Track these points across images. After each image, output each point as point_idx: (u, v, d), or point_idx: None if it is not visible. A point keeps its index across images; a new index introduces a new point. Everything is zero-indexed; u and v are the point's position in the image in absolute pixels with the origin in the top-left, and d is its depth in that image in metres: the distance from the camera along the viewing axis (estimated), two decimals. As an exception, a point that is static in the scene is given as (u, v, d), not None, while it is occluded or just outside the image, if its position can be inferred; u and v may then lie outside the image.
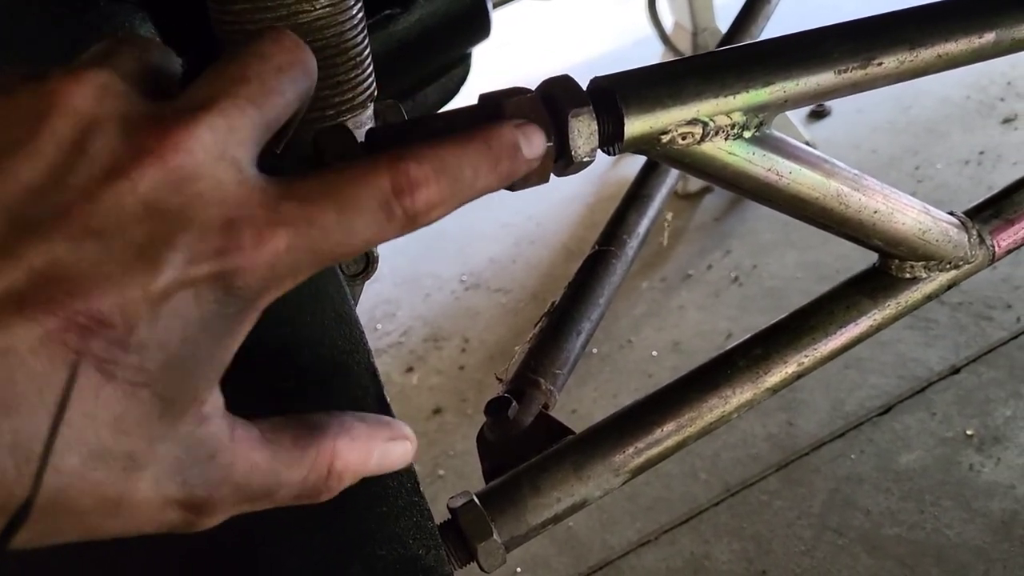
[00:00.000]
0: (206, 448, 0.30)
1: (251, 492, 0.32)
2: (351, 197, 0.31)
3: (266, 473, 0.32)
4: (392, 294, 2.40)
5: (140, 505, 0.29)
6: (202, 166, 0.29)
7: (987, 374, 1.53)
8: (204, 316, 0.29)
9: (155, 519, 0.30)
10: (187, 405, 0.29)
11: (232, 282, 0.29)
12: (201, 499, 0.30)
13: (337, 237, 0.31)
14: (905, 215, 0.61)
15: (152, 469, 0.29)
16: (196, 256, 0.28)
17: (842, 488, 1.42)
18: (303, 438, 0.34)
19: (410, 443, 0.38)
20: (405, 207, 0.32)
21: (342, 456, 0.35)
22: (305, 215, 0.30)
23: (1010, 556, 1.24)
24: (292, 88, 0.33)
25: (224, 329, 0.30)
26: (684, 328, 1.91)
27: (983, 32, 0.57)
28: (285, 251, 0.30)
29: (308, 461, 0.33)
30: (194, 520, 0.31)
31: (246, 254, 0.29)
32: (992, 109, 2.23)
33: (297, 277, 0.31)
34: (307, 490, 0.34)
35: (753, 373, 0.64)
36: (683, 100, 0.49)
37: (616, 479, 0.61)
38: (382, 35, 0.78)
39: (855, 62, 0.53)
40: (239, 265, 0.29)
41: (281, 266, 0.30)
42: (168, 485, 0.29)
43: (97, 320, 0.27)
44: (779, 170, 0.54)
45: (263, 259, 0.29)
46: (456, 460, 1.76)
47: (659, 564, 1.42)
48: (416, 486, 0.51)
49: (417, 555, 0.51)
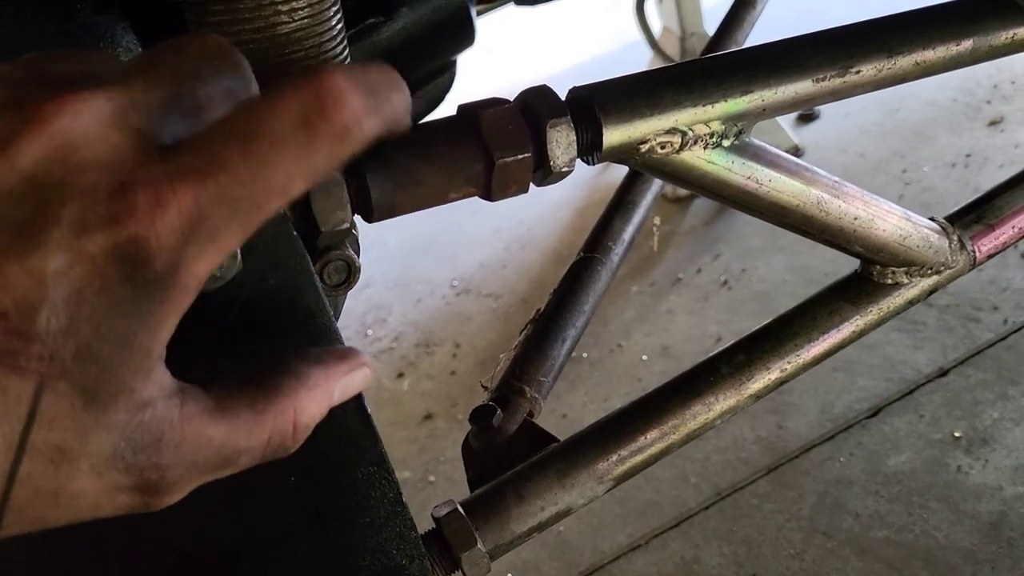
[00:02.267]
0: (150, 433, 0.29)
1: (208, 465, 0.31)
2: (258, 128, 0.27)
3: (221, 445, 0.31)
4: (383, 299, 2.40)
5: (82, 495, 0.28)
6: (91, 133, 0.26)
7: (975, 376, 1.54)
8: (115, 298, 0.26)
9: (105, 505, 0.29)
10: (115, 395, 0.27)
11: (136, 254, 0.26)
12: (153, 481, 0.29)
13: (254, 180, 0.27)
14: (886, 221, 0.62)
15: (87, 460, 0.27)
16: (85, 227, 0.25)
17: (831, 491, 1.43)
18: (260, 401, 0.32)
19: (367, 367, 0.37)
20: (331, 122, 0.28)
21: (305, 410, 0.33)
22: (208, 162, 0.27)
23: (998, 558, 1.24)
24: (213, 76, 0.30)
25: (144, 311, 0.27)
26: (673, 332, 1.91)
27: (960, 39, 0.57)
28: (192, 208, 0.26)
29: (268, 425, 0.32)
30: (151, 501, 0.30)
31: (143, 218, 0.26)
32: (978, 112, 2.25)
33: (220, 240, 0.28)
34: (272, 450, 0.33)
35: (736, 380, 0.64)
36: (661, 109, 0.50)
37: (600, 487, 0.61)
38: (365, 44, 0.78)
39: (833, 70, 0.54)
40: (137, 232, 0.26)
41: (194, 228, 0.27)
42: (111, 473, 0.28)
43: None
44: (758, 178, 0.55)
45: (165, 222, 0.26)
46: (447, 466, 1.76)
47: (650, 568, 1.42)
48: (399, 496, 0.51)
49: (401, 565, 0.51)
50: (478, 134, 0.45)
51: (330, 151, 0.28)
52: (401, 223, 1.95)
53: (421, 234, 2.59)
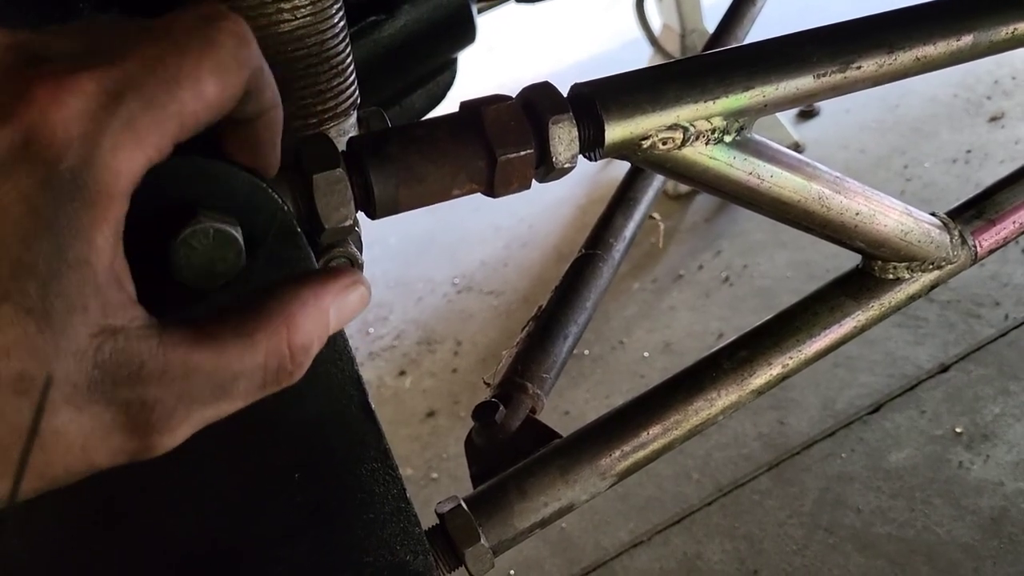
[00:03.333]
0: (127, 362, 0.27)
1: (202, 396, 0.29)
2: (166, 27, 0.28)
3: (213, 371, 0.29)
4: (384, 298, 2.40)
5: (67, 431, 0.27)
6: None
7: (976, 372, 1.54)
8: (34, 206, 0.25)
9: (99, 447, 0.28)
10: (67, 314, 0.26)
11: (41, 149, 0.25)
12: (143, 417, 0.28)
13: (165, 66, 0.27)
14: (887, 216, 0.62)
15: (59, 390, 0.26)
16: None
17: (833, 487, 1.43)
18: (248, 323, 0.31)
19: (363, 286, 0.35)
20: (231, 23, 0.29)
21: (298, 329, 0.32)
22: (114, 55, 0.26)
23: (1000, 553, 1.25)
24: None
25: (70, 216, 0.26)
26: (675, 329, 1.91)
27: (961, 35, 0.57)
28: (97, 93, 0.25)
29: (261, 346, 0.31)
30: (148, 441, 0.29)
31: (41, 106, 0.25)
32: (979, 107, 2.25)
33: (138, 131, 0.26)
34: (271, 375, 0.31)
35: (738, 375, 0.65)
36: (663, 105, 0.50)
37: (603, 482, 0.62)
38: (367, 42, 0.78)
39: (834, 66, 0.54)
40: (36, 122, 0.25)
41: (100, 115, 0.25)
42: (92, 407, 0.27)
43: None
44: (760, 174, 0.55)
45: (68, 108, 0.25)
46: (450, 463, 1.76)
47: (652, 565, 1.42)
48: (403, 492, 0.51)
49: (405, 561, 0.52)
50: (480, 130, 0.45)
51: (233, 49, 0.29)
52: (402, 222, 1.94)
53: (422, 232, 2.59)
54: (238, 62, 0.29)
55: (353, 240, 0.59)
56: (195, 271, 0.37)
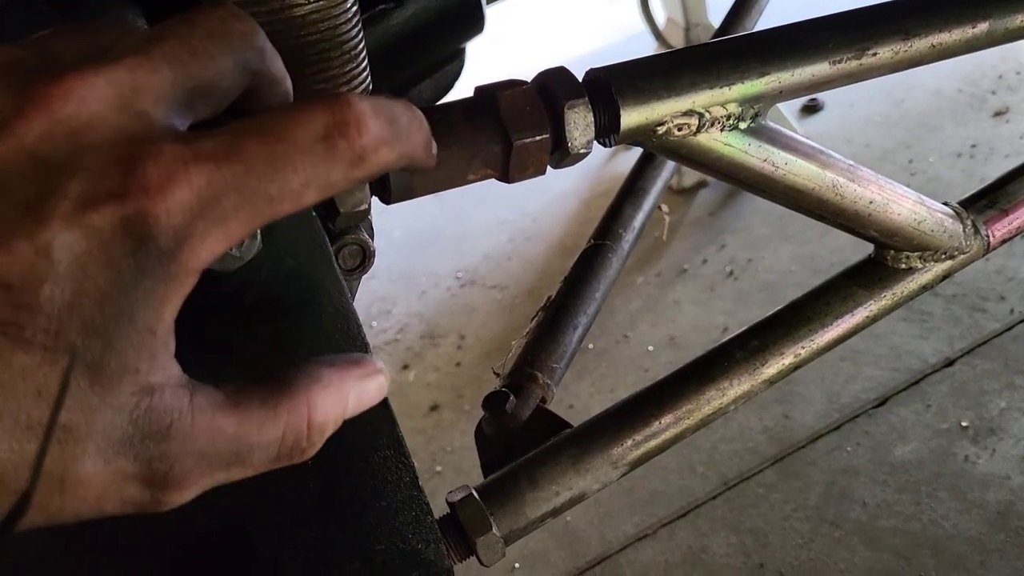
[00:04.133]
0: (158, 419, 0.28)
1: (219, 460, 0.30)
2: (283, 131, 0.28)
3: (233, 439, 0.30)
4: (388, 291, 2.40)
5: (89, 481, 0.28)
6: (98, 116, 0.27)
7: (982, 366, 1.54)
8: (119, 272, 0.26)
9: (113, 496, 0.28)
10: (120, 373, 0.27)
11: (142, 229, 0.26)
12: (162, 472, 0.29)
13: (271, 177, 0.28)
14: (900, 205, 0.62)
15: (94, 442, 0.27)
16: (92, 200, 0.26)
17: (838, 480, 1.43)
18: (272, 397, 0.32)
19: (383, 376, 0.36)
20: (351, 142, 0.29)
21: (318, 408, 0.33)
22: (227, 149, 0.27)
23: (1006, 547, 1.24)
24: (224, 54, 0.30)
25: (148, 289, 0.27)
26: (680, 323, 1.91)
27: (977, 22, 0.57)
28: (204, 189, 0.27)
29: (281, 420, 0.32)
30: (160, 496, 0.29)
31: (152, 193, 0.26)
32: (983, 102, 2.24)
33: (228, 226, 0.28)
34: (287, 450, 0.32)
35: (750, 365, 0.64)
36: (679, 91, 0.49)
37: (614, 472, 0.61)
38: (376, 30, 0.78)
39: (850, 52, 0.53)
40: (145, 207, 0.26)
41: (204, 210, 0.27)
42: (119, 459, 0.28)
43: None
44: (775, 161, 0.54)
45: (176, 199, 0.26)
46: (454, 456, 1.76)
47: (657, 558, 1.42)
48: (415, 480, 0.51)
49: (416, 549, 0.51)
50: (496, 115, 0.45)
51: (346, 170, 0.29)
52: (406, 215, 1.94)
53: (426, 226, 2.59)
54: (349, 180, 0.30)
55: (365, 227, 0.59)
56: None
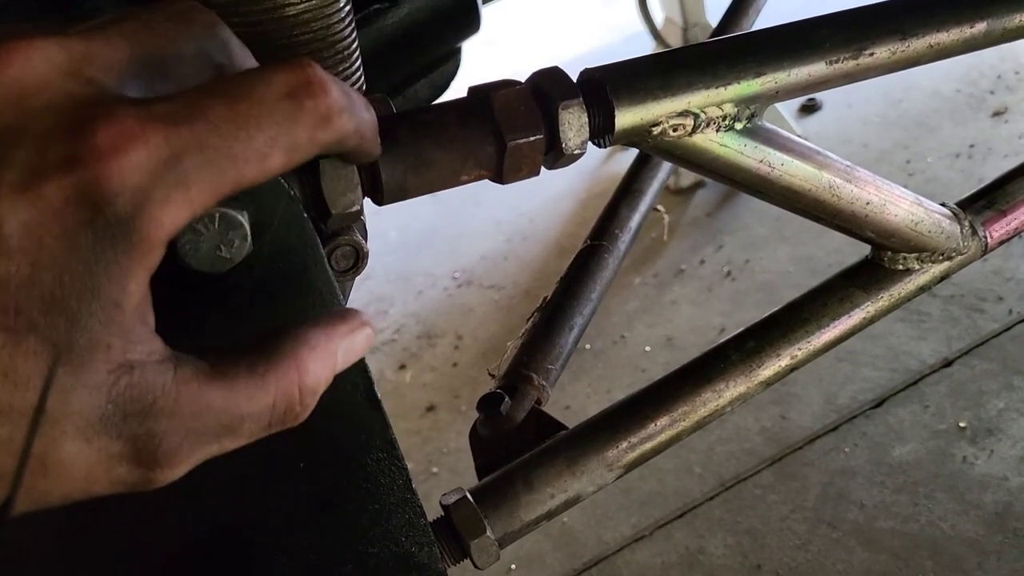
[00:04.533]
0: (140, 396, 0.27)
1: (209, 433, 0.30)
2: (247, 90, 0.27)
3: (222, 411, 0.30)
4: (385, 291, 2.39)
5: (72, 463, 0.27)
6: (45, 80, 0.26)
7: (980, 366, 1.53)
8: (76, 244, 0.25)
9: (101, 477, 0.28)
10: (90, 350, 0.26)
11: (96, 196, 0.25)
12: (150, 450, 0.28)
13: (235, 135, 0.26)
14: (897, 206, 0.61)
15: (72, 423, 0.26)
16: (40, 169, 0.25)
17: (836, 481, 1.42)
18: (260, 364, 0.31)
19: (369, 328, 0.35)
20: (317, 101, 0.28)
21: (308, 371, 0.32)
22: (186, 109, 0.26)
23: (1004, 548, 1.24)
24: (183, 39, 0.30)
25: (109, 260, 0.26)
26: (677, 323, 1.91)
27: (975, 22, 0.57)
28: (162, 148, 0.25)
29: (271, 387, 0.31)
30: (150, 474, 0.29)
31: (104, 156, 0.25)
32: (982, 102, 2.24)
33: (191, 190, 0.26)
34: (279, 417, 0.31)
35: (746, 366, 0.64)
36: (674, 92, 0.49)
37: (610, 474, 0.61)
38: (371, 30, 0.77)
39: (847, 52, 0.53)
40: (98, 172, 0.25)
41: (160, 172, 0.25)
42: (100, 439, 0.27)
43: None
44: (771, 162, 0.54)
45: (130, 161, 0.25)
46: (450, 457, 1.76)
47: (654, 559, 1.42)
48: (408, 483, 0.50)
49: (410, 552, 0.51)
50: (490, 116, 0.44)
51: (311, 130, 0.29)
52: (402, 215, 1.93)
53: (423, 226, 2.59)
54: (313, 143, 0.29)
55: (358, 228, 0.58)
56: (201, 256, 0.36)
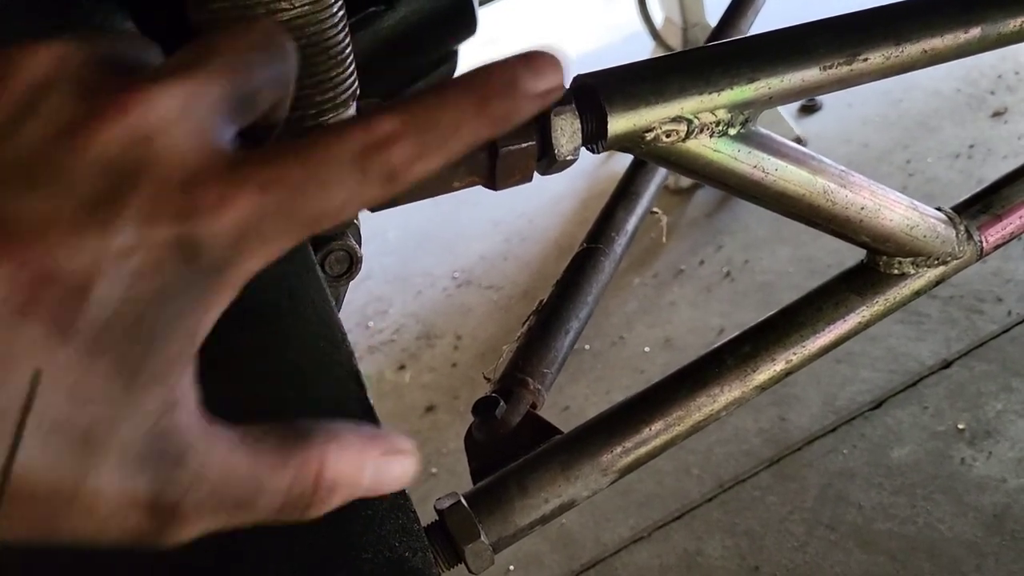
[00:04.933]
0: (176, 442, 0.28)
1: (228, 499, 0.30)
2: (321, 155, 0.29)
3: (245, 478, 0.30)
4: (384, 292, 2.39)
5: (100, 497, 0.27)
6: (160, 127, 0.28)
7: (978, 368, 1.53)
8: (167, 284, 0.27)
9: (117, 521, 0.28)
10: (152, 381, 0.27)
11: (195, 249, 0.27)
12: (171, 502, 0.28)
13: (309, 198, 0.29)
14: (892, 211, 0.61)
15: (116, 453, 0.27)
16: (152, 215, 0.27)
17: (834, 483, 1.42)
18: (287, 442, 0.31)
19: (411, 458, 0.34)
20: (381, 163, 0.30)
21: (330, 465, 0.31)
22: (271, 174, 0.28)
23: (1002, 550, 1.24)
24: (267, 67, 0.32)
25: (192, 302, 0.28)
26: (676, 324, 1.91)
27: (969, 27, 0.57)
28: (252, 213, 0.28)
29: (292, 467, 0.31)
30: (162, 529, 0.29)
31: (207, 217, 0.27)
32: (982, 102, 2.24)
33: (270, 246, 0.29)
34: (292, 501, 0.31)
35: (742, 371, 0.64)
36: (667, 97, 0.49)
37: (604, 479, 0.61)
38: (366, 33, 0.77)
39: (840, 58, 0.53)
40: (200, 229, 0.27)
41: (250, 231, 0.28)
42: (133, 478, 0.27)
43: (49, 272, 0.25)
44: (765, 167, 0.54)
45: (227, 222, 0.27)
46: (449, 458, 1.76)
47: (652, 561, 1.42)
48: (401, 488, 0.50)
49: (403, 558, 0.51)
50: (482, 122, 0.44)
51: (380, 188, 0.30)
52: (401, 216, 1.93)
53: (422, 227, 2.59)
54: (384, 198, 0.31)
55: (352, 233, 0.58)
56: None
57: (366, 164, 0.29)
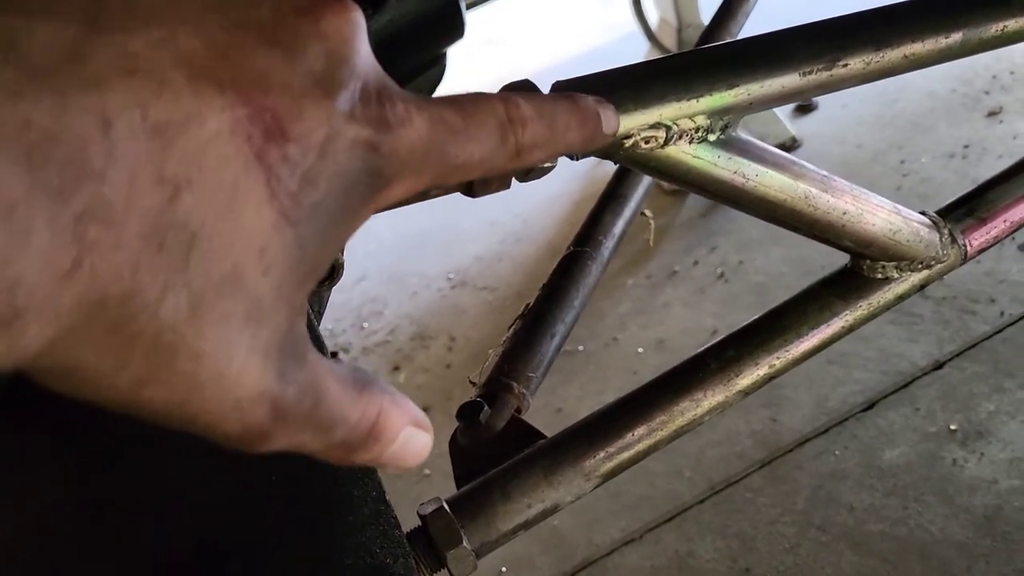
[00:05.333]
0: (301, 344, 0.28)
1: (322, 417, 0.29)
2: (473, 111, 0.32)
3: (334, 402, 0.30)
4: (379, 292, 2.39)
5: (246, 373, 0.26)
6: (364, 34, 0.30)
7: (971, 369, 1.53)
8: (350, 175, 0.28)
9: (247, 407, 0.26)
10: (310, 272, 0.28)
11: (379, 151, 0.29)
12: (290, 403, 0.28)
13: (462, 144, 0.31)
14: (875, 216, 0.61)
15: (266, 333, 0.26)
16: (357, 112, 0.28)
17: (826, 485, 1.42)
18: (359, 382, 0.31)
19: (430, 436, 0.34)
20: (517, 136, 0.33)
21: (387, 413, 0.32)
22: (437, 114, 0.31)
23: (993, 552, 1.24)
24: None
25: (356, 202, 0.29)
26: (669, 325, 1.91)
27: (950, 32, 0.57)
28: (420, 141, 0.30)
29: (361, 406, 0.31)
30: (271, 430, 0.28)
31: (395, 130, 0.29)
32: (977, 102, 2.24)
33: (418, 179, 0.31)
34: (350, 439, 0.31)
35: (725, 376, 0.64)
36: (645, 104, 0.49)
37: (587, 483, 0.61)
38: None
39: (820, 63, 0.53)
40: (386, 139, 0.29)
41: (417, 154, 0.30)
42: (271, 368, 0.27)
43: (280, 127, 0.26)
44: (745, 173, 0.54)
45: (405, 142, 0.29)
46: (442, 459, 1.74)
47: (643, 562, 1.42)
48: (382, 495, 0.51)
49: (385, 564, 0.51)
50: (458, 129, 0.44)
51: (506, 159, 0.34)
52: (396, 216, 1.93)
53: (416, 228, 2.59)
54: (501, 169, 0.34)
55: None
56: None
57: (505, 134, 0.33)
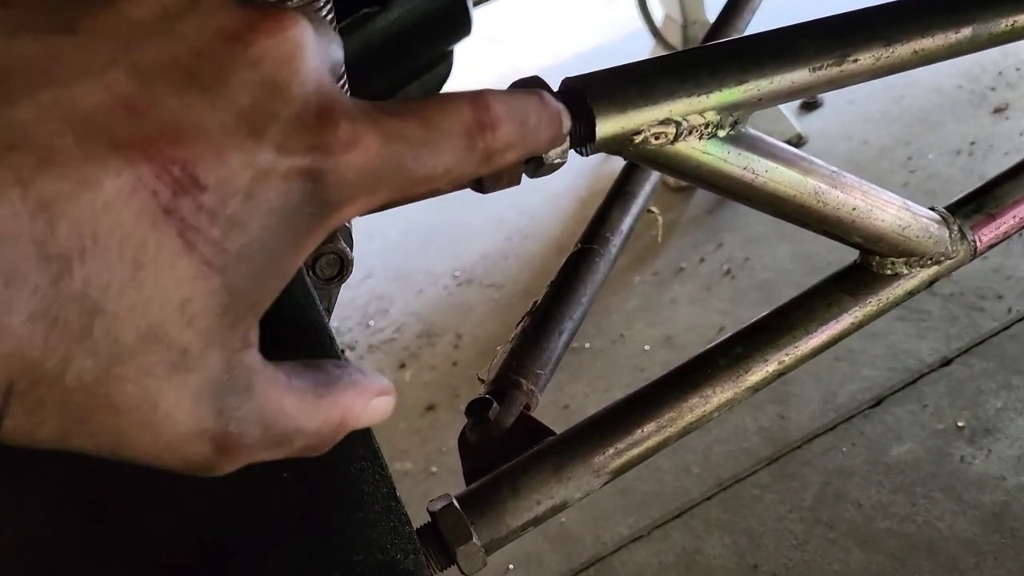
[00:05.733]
0: (244, 377, 0.28)
1: (274, 436, 0.30)
2: (437, 120, 0.30)
3: (289, 418, 0.30)
4: (385, 290, 2.39)
5: (175, 419, 0.26)
6: (307, 52, 0.28)
7: (978, 365, 1.53)
8: (287, 210, 0.27)
9: (183, 446, 0.27)
10: (249, 312, 0.27)
11: (318, 183, 0.27)
12: (232, 436, 0.28)
13: (423, 158, 0.29)
14: (884, 211, 0.61)
15: (197, 378, 0.26)
16: (293, 141, 0.26)
17: (833, 481, 1.42)
18: (321, 387, 0.32)
19: (392, 397, 0.36)
20: (486, 141, 0.32)
21: (351, 410, 0.33)
22: (395, 127, 0.29)
23: (1001, 548, 1.24)
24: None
25: (299, 233, 0.28)
26: (676, 322, 1.91)
27: (960, 27, 0.56)
28: (373, 160, 0.28)
29: (323, 412, 0.31)
30: (216, 461, 0.28)
31: (337, 153, 0.27)
32: (983, 99, 2.23)
33: (375, 196, 0.29)
34: (314, 442, 0.32)
35: (734, 372, 0.64)
36: (655, 100, 0.49)
37: (596, 480, 0.61)
38: (361, 33, 0.77)
39: (830, 59, 0.53)
40: (328, 164, 0.27)
41: (366, 177, 0.28)
42: (207, 408, 0.27)
43: (192, 178, 0.24)
44: (755, 168, 0.54)
45: (352, 163, 0.28)
46: (449, 457, 1.76)
47: (651, 559, 1.42)
48: (392, 491, 0.51)
49: (395, 560, 0.51)
50: (468, 126, 0.44)
51: (475, 165, 0.32)
52: (402, 214, 1.93)
53: (422, 225, 2.59)
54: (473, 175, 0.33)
55: (343, 235, 0.58)
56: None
57: (473, 140, 0.31)
